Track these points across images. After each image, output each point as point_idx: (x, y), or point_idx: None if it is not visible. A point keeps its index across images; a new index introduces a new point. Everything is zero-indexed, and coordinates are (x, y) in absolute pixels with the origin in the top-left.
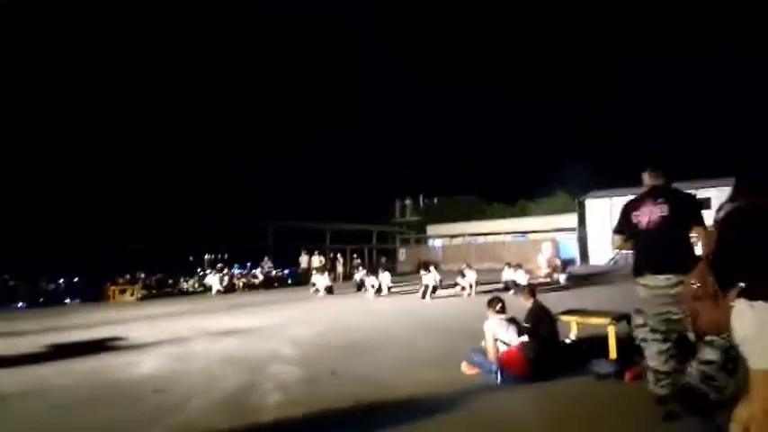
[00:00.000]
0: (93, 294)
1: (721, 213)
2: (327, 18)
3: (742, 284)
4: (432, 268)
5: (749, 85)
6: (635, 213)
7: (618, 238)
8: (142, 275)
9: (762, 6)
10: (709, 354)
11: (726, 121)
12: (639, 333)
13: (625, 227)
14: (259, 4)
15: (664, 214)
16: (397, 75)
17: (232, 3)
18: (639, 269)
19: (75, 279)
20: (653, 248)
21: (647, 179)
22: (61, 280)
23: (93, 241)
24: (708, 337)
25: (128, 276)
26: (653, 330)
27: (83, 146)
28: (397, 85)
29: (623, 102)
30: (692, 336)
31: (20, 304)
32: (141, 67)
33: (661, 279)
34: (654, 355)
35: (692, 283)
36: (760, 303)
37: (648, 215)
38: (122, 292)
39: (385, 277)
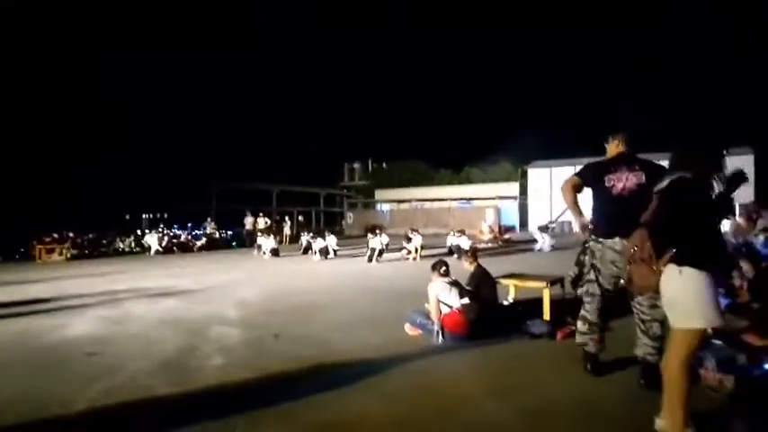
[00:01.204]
0: (17, 254)
1: (664, 182)
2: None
3: (673, 250)
4: (378, 232)
5: (750, 85)
6: (609, 176)
7: (575, 180)
8: (71, 234)
9: (762, 6)
10: (659, 329)
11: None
12: (589, 287)
13: (593, 184)
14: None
15: (641, 182)
16: (359, 38)
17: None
18: (609, 232)
19: None
20: (628, 215)
21: (615, 146)
22: None
23: (17, 195)
24: (655, 309)
25: (55, 235)
26: (602, 288)
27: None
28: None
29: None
30: (639, 299)
31: None
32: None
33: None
34: (593, 309)
35: (632, 248)
36: (686, 269)
37: (624, 181)
38: (50, 251)
39: (331, 240)
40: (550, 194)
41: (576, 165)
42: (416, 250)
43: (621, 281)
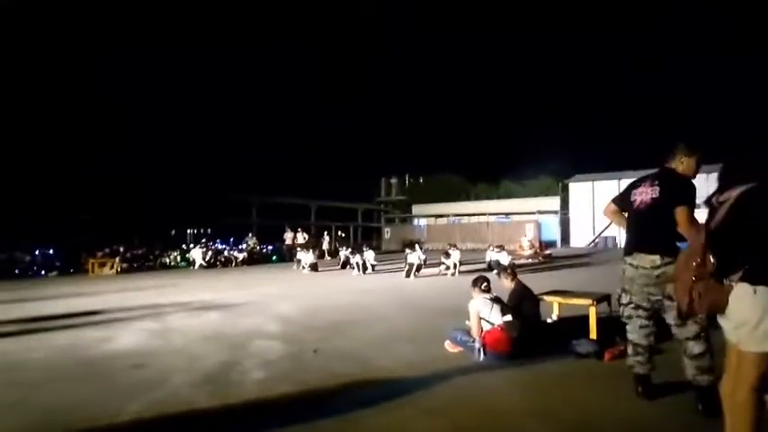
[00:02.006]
0: (72, 267)
1: (734, 193)
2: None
3: (746, 267)
4: (416, 247)
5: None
6: (634, 192)
7: (612, 207)
8: (122, 248)
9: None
10: (696, 347)
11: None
12: (625, 311)
13: (625, 204)
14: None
15: (654, 196)
16: (394, 58)
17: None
18: (628, 248)
19: (52, 251)
20: (640, 229)
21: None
22: (38, 251)
23: (74, 213)
24: (685, 327)
25: (107, 250)
26: (637, 307)
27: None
28: (392, 67)
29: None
30: (669, 318)
31: None
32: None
33: (647, 260)
34: (636, 329)
35: (689, 262)
36: (762, 288)
37: (641, 196)
38: (102, 265)
39: (369, 255)
40: (593, 209)
41: (620, 179)
42: (455, 266)
43: (657, 297)
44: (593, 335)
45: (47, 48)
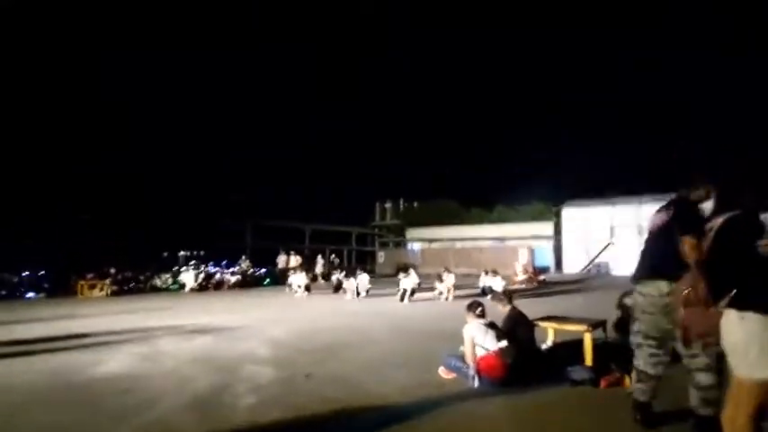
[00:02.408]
0: (60, 289)
1: (719, 220)
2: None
3: (733, 293)
4: (410, 271)
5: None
6: (652, 217)
7: None
8: (113, 270)
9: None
10: (705, 378)
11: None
12: (635, 338)
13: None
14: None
15: (661, 223)
16: (392, 75)
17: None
18: (635, 275)
19: (41, 273)
20: (647, 255)
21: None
22: (25, 272)
23: (62, 234)
24: (696, 359)
25: (97, 271)
26: (646, 336)
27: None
28: (389, 85)
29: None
30: (679, 347)
31: None
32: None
33: (654, 287)
34: (645, 357)
35: (684, 289)
36: (750, 314)
37: (654, 221)
38: (92, 287)
39: (363, 279)
40: (586, 234)
41: (613, 204)
42: (449, 290)
43: (667, 327)
44: (588, 361)
45: (47, 47)
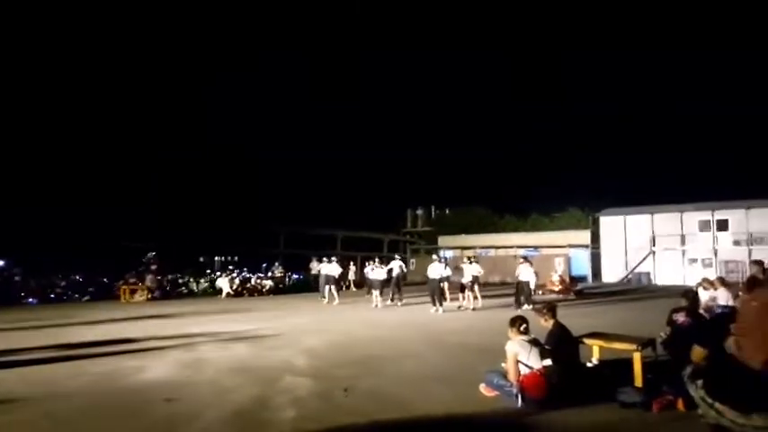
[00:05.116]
0: (105, 293)
1: None
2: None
3: None
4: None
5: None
6: None
7: None
8: (151, 276)
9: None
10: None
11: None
12: None
13: None
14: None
15: None
16: (421, 82)
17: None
18: None
19: (85, 277)
20: None
21: None
22: (77, 276)
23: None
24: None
25: (138, 275)
26: None
27: (93, 143)
28: (419, 95)
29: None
30: None
31: (30, 299)
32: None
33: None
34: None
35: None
36: None
37: None
38: (133, 292)
39: (396, 264)
40: (625, 243)
41: (653, 213)
42: (471, 287)
43: None
44: (638, 382)
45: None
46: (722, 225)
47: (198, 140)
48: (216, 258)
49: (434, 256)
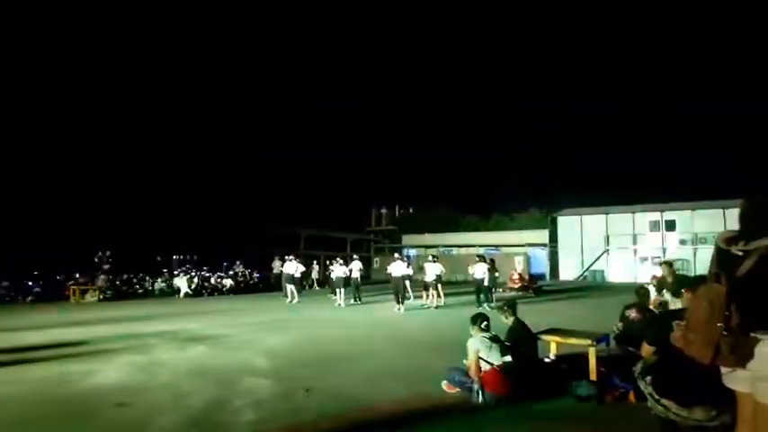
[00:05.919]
0: (53, 294)
1: (766, 242)
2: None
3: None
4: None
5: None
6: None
7: None
8: (103, 275)
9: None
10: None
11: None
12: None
13: None
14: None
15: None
16: (421, 82)
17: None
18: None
19: (32, 276)
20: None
21: None
22: (18, 277)
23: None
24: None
25: (89, 275)
26: None
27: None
28: (419, 95)
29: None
30: None
31: None
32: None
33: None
34: None
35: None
36: None
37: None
38: (84, 292)
39: (356, 265)
40: (581, 242)
41: (607, 213)
42: (435, 287)
43: None
44: (592, 376)
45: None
46: (670, 225)
47: (198, 140)
48: (174, 257)
49: (397, 255)
